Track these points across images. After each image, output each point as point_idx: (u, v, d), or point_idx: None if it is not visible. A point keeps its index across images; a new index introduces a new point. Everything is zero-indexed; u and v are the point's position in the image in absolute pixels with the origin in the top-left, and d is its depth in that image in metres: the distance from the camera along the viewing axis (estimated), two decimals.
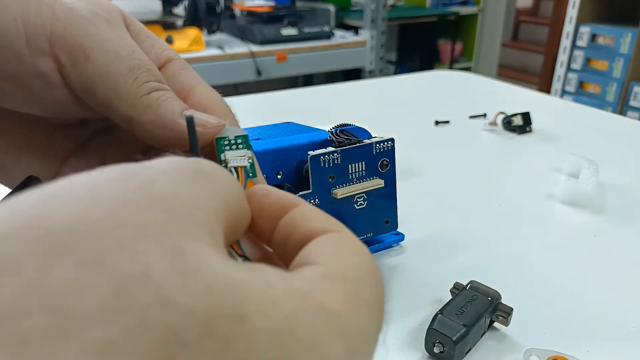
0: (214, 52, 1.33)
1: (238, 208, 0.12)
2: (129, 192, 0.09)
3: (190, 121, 0.16)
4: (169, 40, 1.25)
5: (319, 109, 0.62)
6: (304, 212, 0.13)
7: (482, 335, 0.24)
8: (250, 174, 0.17)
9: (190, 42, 1.30)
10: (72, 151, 0.20)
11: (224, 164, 0.17)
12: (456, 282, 0.26)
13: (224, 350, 0.08)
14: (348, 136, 0.28)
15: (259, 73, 1.39)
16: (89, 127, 0.20)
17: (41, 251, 0.08)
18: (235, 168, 0.17)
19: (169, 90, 0.18)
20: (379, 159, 0.28)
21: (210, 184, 0.11)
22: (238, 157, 0.17)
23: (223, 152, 0.17)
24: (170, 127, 0.17)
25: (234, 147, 0.17)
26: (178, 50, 0.70)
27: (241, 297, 0.08)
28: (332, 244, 0.12)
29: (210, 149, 0.17)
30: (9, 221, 0.08)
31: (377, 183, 0.28)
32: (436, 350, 0.23)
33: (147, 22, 1.24)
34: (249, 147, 0.17)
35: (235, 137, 0.17)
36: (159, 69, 0.19)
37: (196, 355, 0.08)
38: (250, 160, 0.17)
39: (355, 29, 1.69)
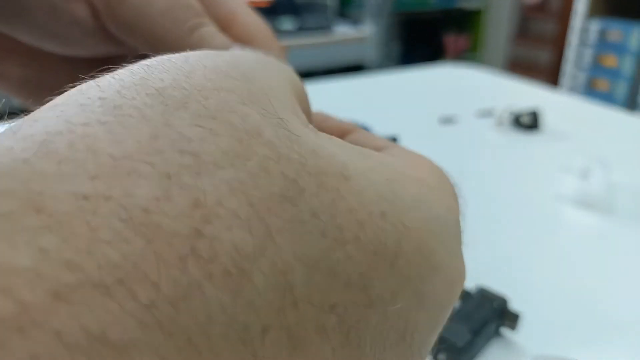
0: None
1: (306, 99, 0.13)
2: (221, 65, 0.10)
3: None
4: None
5: (319, 106, 0.61)
6: (365, 134, 0.14)
7: (488, 342, 0.24)
8: None
9: None
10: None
11: None
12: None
13: (337, 199, 0.08)
14: None
15: None
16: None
17: (159, 104, 0.08)
18: None
19: (210, 24, 0.17)
20: None
21: (285, 72, 0.12)
22: None
23: None
24: None
25: None
26: None
27: (343, 161, 0.09)
28: (402, 149, 0.13)
29: None
30: (114, 83, 0.08)
31: None
32: (441, 357, 0.22)
33: None
34: None
35: None
36: None
37: (313, 201, 0.08)
38: None
39: (357, 22, 1.67)
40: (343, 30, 1.58)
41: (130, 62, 0.10)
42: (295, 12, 1.46)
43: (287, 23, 1.44)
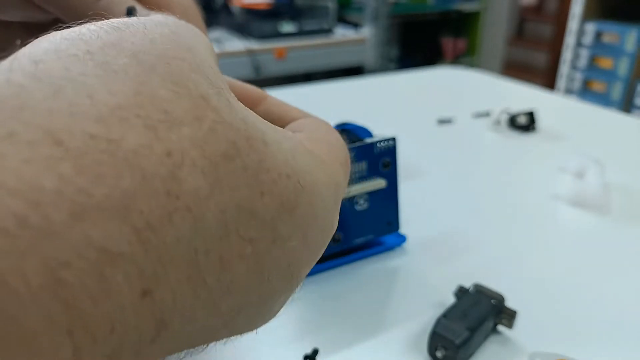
0: None
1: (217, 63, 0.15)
2: (170, 35, 0.11)
3: (130, 13, 0.17)
4: None
5: (319, 107, 0.62)
6: (277, 104, 0.17)
7: (485, 339, 0.24)
8: None
9: None
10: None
11: None
12: (459, 285, 0.26)
13: (261, 160, 0.11)
14: (349, 135, 0.28)
15: (257, 70, 1.38)
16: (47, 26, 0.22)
17: (136, 64, 0.10)
18: None
19: None
20: (381, 158, 0.28)
21: (204, 39, 0.13)
22: None
23: None
24: None
25: None
26: None
27: (262, 130, 0.11)
28: (312, 123, 0.16)
29: None
30: (93, 40, 0.10)
31: (379, 183, 0.28)
32: (439, 354, 0.22)
33: None
34: None
35: None
36: None
37: (246, 160, 0.10)
38: None
39: (356, 26, 1.68)
40: (342, 33, 1.58)
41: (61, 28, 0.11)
42: (296, 15, 1.46)
43: (288, 26, 1.44)
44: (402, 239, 0.31)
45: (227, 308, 0.10)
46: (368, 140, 0.28)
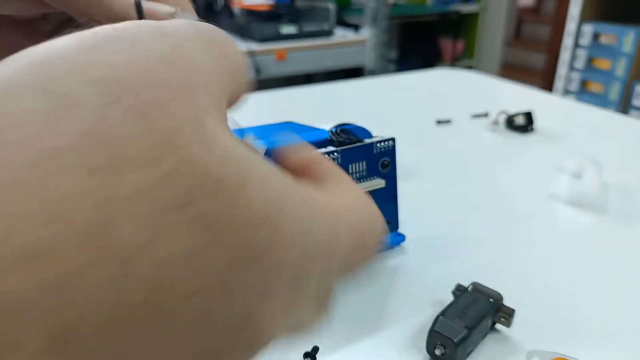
0: None
1: (240, 83, 0.13)
2: (164, 53, 0.10)
3: (138, 5, 0.17)
4: None
5: (319, 108, 0.62)
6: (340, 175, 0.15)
7: (484, 337, 0.24)
8: None
9: None
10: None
11: None
12: (458, 284, 0.26)
13: (228, 204, 0.10)
14: (348, 136, 0.28)
15: (258, 72, 1.38)
16: (50, 21, 0.22)
17: (97, 97, 0.09)
18: None
19: None
20: (380, 158, 0.28)
21: (224, 56, 0.12)
22: None
23: None
24: (123, 19, 0.17)
25: None
26: None
27: (247, 169, 0.10)
28: (341, 187, 0.14)
29: None
30: (61, 64, 0.09)
31: (378, 183, 0.28)
32: (438, 352, 0.22)
33: None
34: None
35: None
36: None
37: (210, 203, 0.09)
38: None
39: (356, 27, 1.68)
40: (342, 34, 1.59)
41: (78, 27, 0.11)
42: (296, 17, 1.47)
43: (289, 28, 1.44)
44: (401, 238, 0.32)
45: None
46: (367, 140, 0.28)
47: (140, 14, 0.17)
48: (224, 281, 0.10)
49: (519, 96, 0.69)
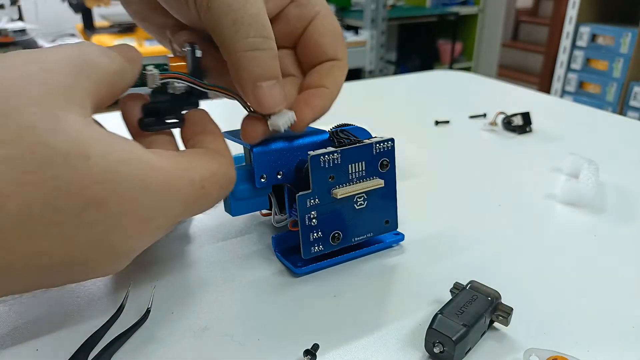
0: None
1: (110, 84, 0.19)
2: (30, 75, 0.16)
3: (192, 53, 0.24)
4: None
5: None
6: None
7: (482, 335, 0.24)
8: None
9: None
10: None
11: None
12: (456, 282, 0.26)
13: (76, 169, 0.16)
14: (348, 136, 0.28)
15: None
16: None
17: None
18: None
19: (267, 49, 0.22)
20: (379, 159, 0.28)
21: (90, 68, 0.18)
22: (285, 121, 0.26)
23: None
24: (249, 93, 0.24)
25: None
26: None
27: (89, 146, 0.16)
28: (209, 148, 0.23)
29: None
30: None
31: (377, 183, 0.28)
32: (436, 350, 0.23)
33: None
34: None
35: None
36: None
37: (60, 169, 0.15)
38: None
39: (355, 29, 1.69)
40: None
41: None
42: None
43: None
44: (400, 237, 0.32)
45: (38, 272, 0.16)
46: (367, 141, 0.28)
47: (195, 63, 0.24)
48: (77, 217, 0.16)
49: (517, 97, 0.70)
